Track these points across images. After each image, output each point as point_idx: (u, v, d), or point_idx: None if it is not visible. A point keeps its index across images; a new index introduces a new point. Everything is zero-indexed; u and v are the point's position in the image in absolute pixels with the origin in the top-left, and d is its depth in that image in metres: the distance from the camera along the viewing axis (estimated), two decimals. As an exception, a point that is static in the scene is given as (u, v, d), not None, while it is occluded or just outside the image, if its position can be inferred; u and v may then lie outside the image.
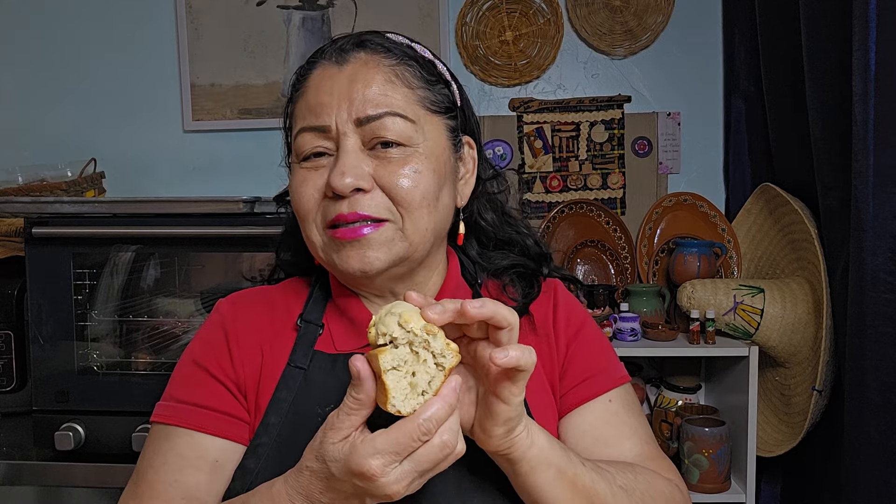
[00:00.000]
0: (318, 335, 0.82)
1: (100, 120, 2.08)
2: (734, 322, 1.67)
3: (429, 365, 0.62)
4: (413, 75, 0.79)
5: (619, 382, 0.84)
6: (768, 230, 1.80)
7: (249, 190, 1.51)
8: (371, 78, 0.76)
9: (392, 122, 0.75)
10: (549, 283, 0.90)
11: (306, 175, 0.77)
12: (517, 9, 2.00)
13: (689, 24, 1.97)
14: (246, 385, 0.80)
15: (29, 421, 1.38)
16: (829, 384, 1.54)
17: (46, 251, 1.35)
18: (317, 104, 0.77)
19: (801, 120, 1.57)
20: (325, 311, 0.84)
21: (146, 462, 0.79)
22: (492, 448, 0.67)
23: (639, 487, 0.73)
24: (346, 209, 0.74)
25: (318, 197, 0.76)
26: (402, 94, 0.77)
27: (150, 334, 1.51)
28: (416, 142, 0.77)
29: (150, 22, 2.06)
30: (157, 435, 0.79)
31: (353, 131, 0.75)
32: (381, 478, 0.59)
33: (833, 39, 1.37)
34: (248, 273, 1.56)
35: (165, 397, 0.82)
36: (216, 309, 0.85)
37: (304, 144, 0.77)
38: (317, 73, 0.79)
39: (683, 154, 2.00)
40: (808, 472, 1.66)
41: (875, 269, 1.21)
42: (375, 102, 0.75)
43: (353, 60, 0.78)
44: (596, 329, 0.89)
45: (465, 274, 0.88)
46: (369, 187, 0.74)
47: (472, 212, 0.88)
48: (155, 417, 0.80)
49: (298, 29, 2.02)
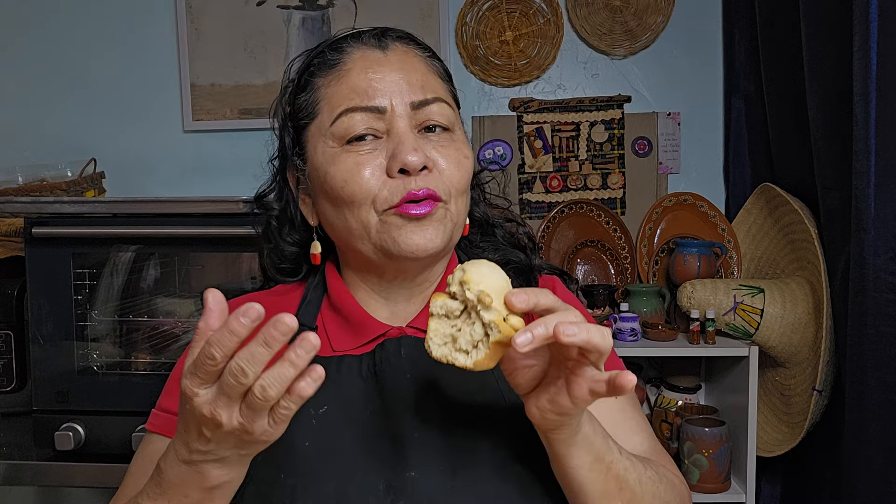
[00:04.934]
0: None
1: (100, 120, 2.08)
2: (734, 322, 1.67)
3: (475, 329, 0.61)
4: (441, 69, 0.82)
5: None
6: (768, 230, 1.80)
7: (249, 190, 1.50)
8: (416, 66, 0.78)
9: (440, 108, 0.77)
10: (546, 279, 0.90)
11: (358, 158, 0.75)
12: (517, 9, 2.00)
13: (689, 24, 1.97)
14: None
15: (29, 421, 1.38)
16: (829, 384, 1.54)
17: (46, 251, 1.35)
18: (368, 87, 0.76)
19: (801, 120, 1.57)
20: (318, 313, 0.83)
21: (130, 467, 0.83)
22: (538, 422, 0.65)
23: (661, 481, 0.73)
24: (415, 186, 0.74)
25: (377, 178, 0.75)
26: (440, 84, 0.80)
27: (150, 334, 1.51)
28: (457, 128, 0.80)
29: (150, 22, 2.06)
30: (144, 441, 0.84)
31: (408, 114, 0.76)
32: (187, 392, 0.57)
33: (833, 39, 1.37)
34: (248, 274, 1.56)
35: (155, 407, 0.85)
36: None
37: (354, 126, 0.76)
38: (356, 57, 0.78)
39: (683, 154, 2.00)
40: (808, 472, 1.66)
41: (876, 268, 1.21)
42: (425, 87, 0.77)
43: (394, 48, 0.79)
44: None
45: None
46: (431, 166, 0.75)
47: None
48: (146, 425, 0.84)
49: (298, 29, 2.02)
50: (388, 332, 0.80)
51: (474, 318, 0.61)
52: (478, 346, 0.61)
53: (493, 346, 0.60)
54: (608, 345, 0.58)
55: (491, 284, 0.61)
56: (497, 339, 0.59)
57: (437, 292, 0.64)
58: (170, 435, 0.78)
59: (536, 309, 0.60)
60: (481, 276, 0.61)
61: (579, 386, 0.59)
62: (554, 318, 0.58)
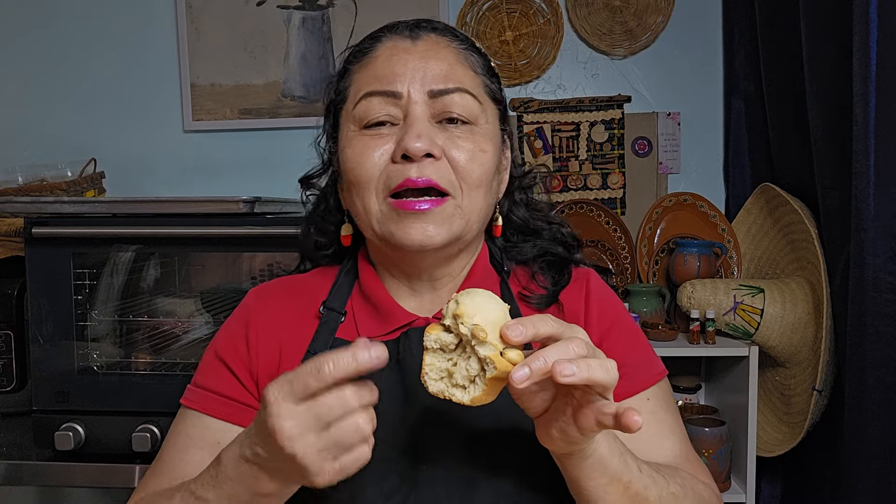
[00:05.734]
0: (339, 322, 0.82)
1: (100, 120, 2.08)
2: (734, 322, 1.66)
3: (471, 364, 0.59)
4: (477, 62, 0.81)
5: (656, 379, 0.82)
6: (768, 230, 1.80)
7: (249, 190, 1.51)
8: (444, 56, 0.78)
9: (461, 98, 0.77)
10: (580, 271, 0.88)
11: (369, 142, 0.76)
12: (517, 9, 2.00)
13: (689, 24, 1.97)
14: (259, 373, 0.81)
15: (29, 421, 1.38)
16: (829, 384, 1.54)
17: (46, 251, 1.35)
18: (389, 73, 0.77)
19: (801, 120, 1.57)
20: (349, 298, 0.84)
21: (166, 440, 0.83)
22: (548, 447, 0.64)
23: (686, 496, 0.71)
24: (415, 173, 0.73)
25: (382, 163, 0.75)
26: (470, 76, 0.79)
27: (150, 334, 1.51)
28: (481, 122, 0.78)
29: (150, 22, 2.06)
30: (179, 416, 0.84)
31: (425, 101, 0.76)
32: (273, 404, 0.55)
33: (833, 39, 1.37)
34: (248, 274, 1.56)
35: (191, 382, 0.85)
36: (244, 299, 0.87)
37: (371, 110, 0.76)
38: (387, 45, 0.79)
39: (683, 154, 2.00)
40: (808, 472, 1.66)
41: (875, 268, 1.21)
42: (448, 78, 0.77)
43: (426, 38, 0.79)
44: (631, 322, 0.86)
45: (492, 260, 0.87)
46: (439, 154, 0.75)
47: (504, 206, 0.89)
48: (181, 399, 0.84)
49: (298, 29, 2.02)
50: (414, 321, 0.81)
51: (470, 352, 0.59)
52: (475, 380, 0.59)
53: (491, 382, 0.58)
54: (612, 379, 0.56)
55: (486, 317, 0.58)
56: (493, 375, 0.57)
57: (433, 323, 0.62)
58: (206, 412, 0.81)
59: (536, 338, 0.58)
60: (476, 307, 0.59)
61: (586, 417, 0.58)
62: (554, 352, 0.56)
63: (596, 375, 0.55)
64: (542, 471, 0.72)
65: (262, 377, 0.81)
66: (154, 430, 1.33)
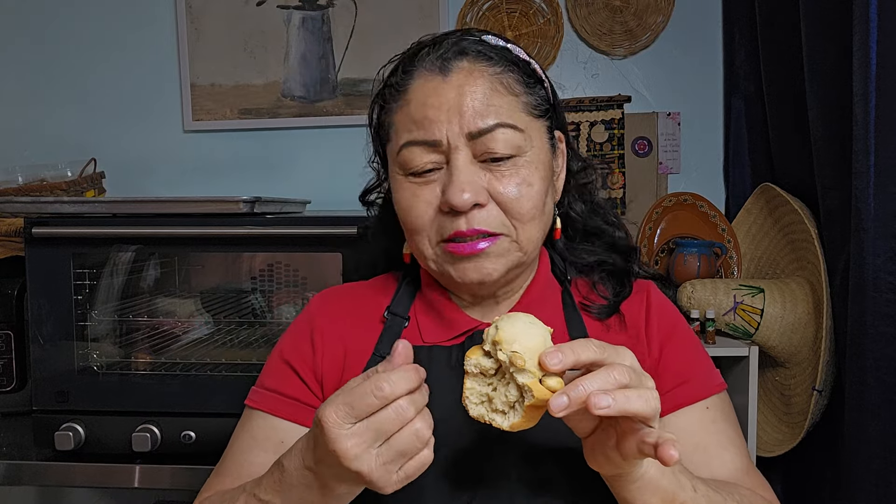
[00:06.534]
0: (403, 327, 0.83)
1: (100, 120, 2.08)
2: (734, 322, 1.66)
3: (510, 390, 0.58)
4: (516, 81, 0.78)
5: (716, 390, 0.83)
6: (768, 230, 1.80)
7: (249, 190, 1.51)
8: (478, 89, 0.75)
9: (502, 134, 0.74)
10: (641, 283, 0.88)
11: (416, 190, 0.76)
12: (517, 9, 2.00)
13: (689, 24, 1.97)
14: (324, 375, 0.82)
15: (29, 421, 1.38)
16: (829, 384, 1.54)
17: (46, 251, 1.35)
18: (424, 118, 0.75)
19: (801, 120, 1.57)
20: (412, 305, 0.86)
21: (231, 440, 0.85)
22: (597, 468, 0.64)
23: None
24: (465, 226, 0.74)
25: (431, 212, 0.76)
26: (508, 102, 0.76)
27: (150, 334, 1.51)
28: (525, 150, 0.76)
29: (150, 22, 2.06)
30: (244, 416, 0.86)
31: (465, 145, 0.74)
32: (332, 428, 0.57)
33: (833, 39, 1.37)
34: (248, 274, 1.56)
35: (256, 384, 0.87)
36: (307, 305, 0.89)
37: (414, 160, 0.76)
38: (419, 84, 0.77)
39: (683, 154, 2.00)
40: (808, 472, 1.66)
41: (876, 269, 1.21)
42: (485, 114, 0.74)
43: (457, 70, 0.76)
44: (690, 332, 0.86)
45: (554, 270, 0.87)
46: (485, 201, 0.74)
47: (563, 204, 0.88)
48: (246, 401, 0.86)
49: (298, 29, 2.02)
50: (478, 326, 0.82)
51: (509, 378, 0.58)
52: (514, 406, 0.58)
53: (529, 409, 0.57)
54: (651, 409, 0.55)
55: (525, 344, 0.57)
56: (531, 402, 0.56)
57: (473, 347, 0.62)
58: (271, 412, 0.82)
59: (577, 365, 0.57)
60: (515, 334, 0.58)
61: (629, 444, 0.58)
62: (594, 381, 0.55)
63: (633, 407, 0.54)
64: (594, 490, 0.71)
65: (326, 378, 0.82)
66: (154, 430, 1.33)
